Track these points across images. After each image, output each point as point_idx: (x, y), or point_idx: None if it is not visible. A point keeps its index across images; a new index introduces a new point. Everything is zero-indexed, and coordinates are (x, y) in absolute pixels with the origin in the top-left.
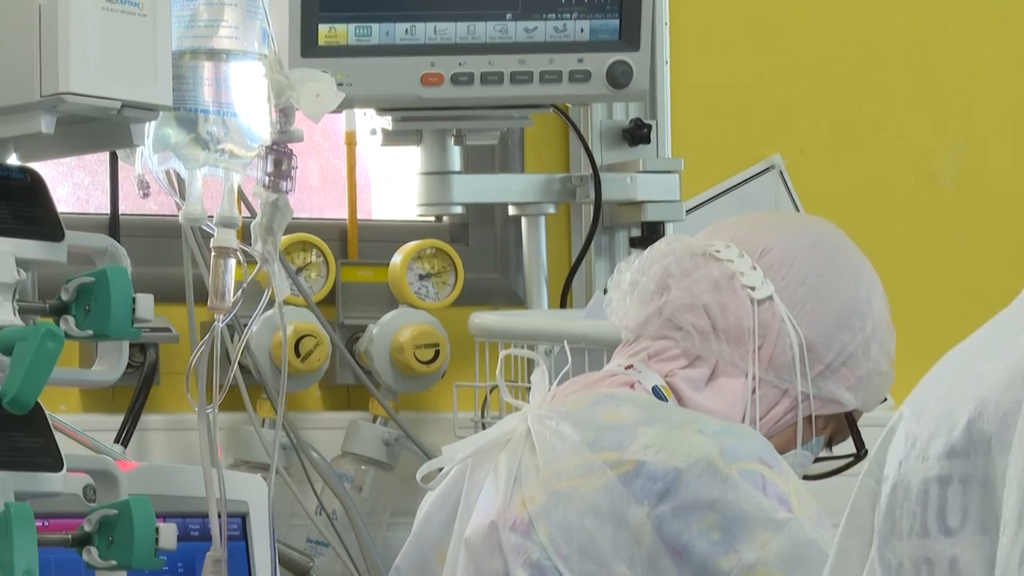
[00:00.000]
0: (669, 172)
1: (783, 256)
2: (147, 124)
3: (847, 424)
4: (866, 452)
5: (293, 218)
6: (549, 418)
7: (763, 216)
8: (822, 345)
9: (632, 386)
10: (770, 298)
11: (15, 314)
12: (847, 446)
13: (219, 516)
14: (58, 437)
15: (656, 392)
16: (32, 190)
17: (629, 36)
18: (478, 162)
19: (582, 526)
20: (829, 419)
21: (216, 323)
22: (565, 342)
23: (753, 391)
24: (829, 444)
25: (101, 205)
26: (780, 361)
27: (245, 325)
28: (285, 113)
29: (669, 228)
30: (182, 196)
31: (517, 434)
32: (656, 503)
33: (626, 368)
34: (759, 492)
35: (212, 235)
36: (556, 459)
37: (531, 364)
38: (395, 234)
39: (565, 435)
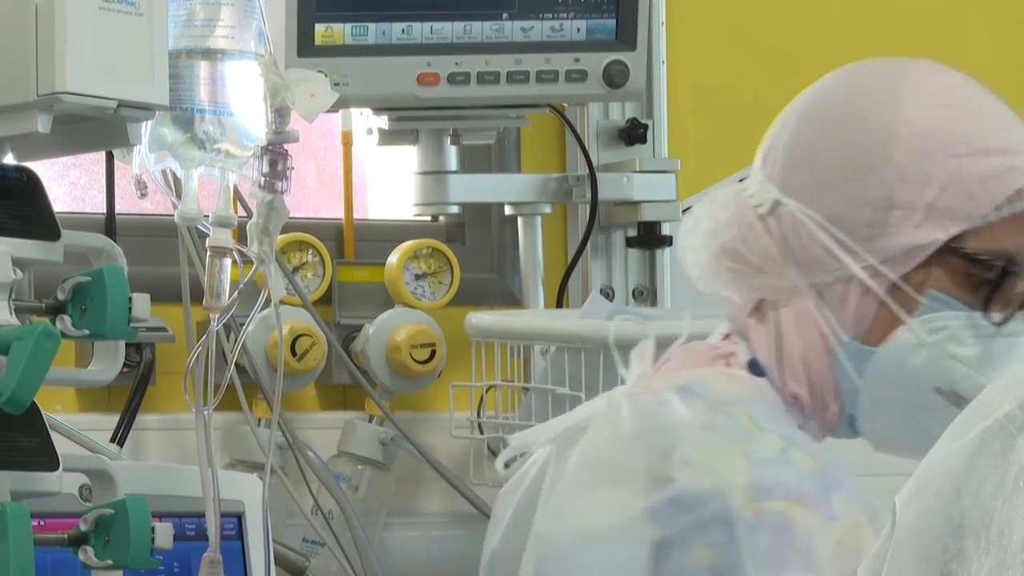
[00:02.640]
0: (665, 172)
1: (777, 149)
2: (143, 124)
3: (962, 257)
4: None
5: (289, 218)
6: (623, 407)
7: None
8: (846, 208)
9: (728, 360)
10: (777, 203)
11: (11, 313)
12: None
13: (214, 518)
14: (54, 436)
15: (753, 367)
16: (28, 189)
17: (625, 36)
18: (474, 162)
19: (594, 527)
20: (927, 269)
21: (212, 323)
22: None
23: (817, 306)
24: (990, 292)
25: (97, 204)
26: (814, 257)
27: (241, 325)
28: (280, 113)
29: (665, 228)
30: (178, 196)
31: (597, 422)
32: (665, 527)
33: (725, 337)
34: (771, 541)
35: (208, 235)
36: (604, 455)
37: (527, 364)
38: (391, 234)
39: (621, 430)
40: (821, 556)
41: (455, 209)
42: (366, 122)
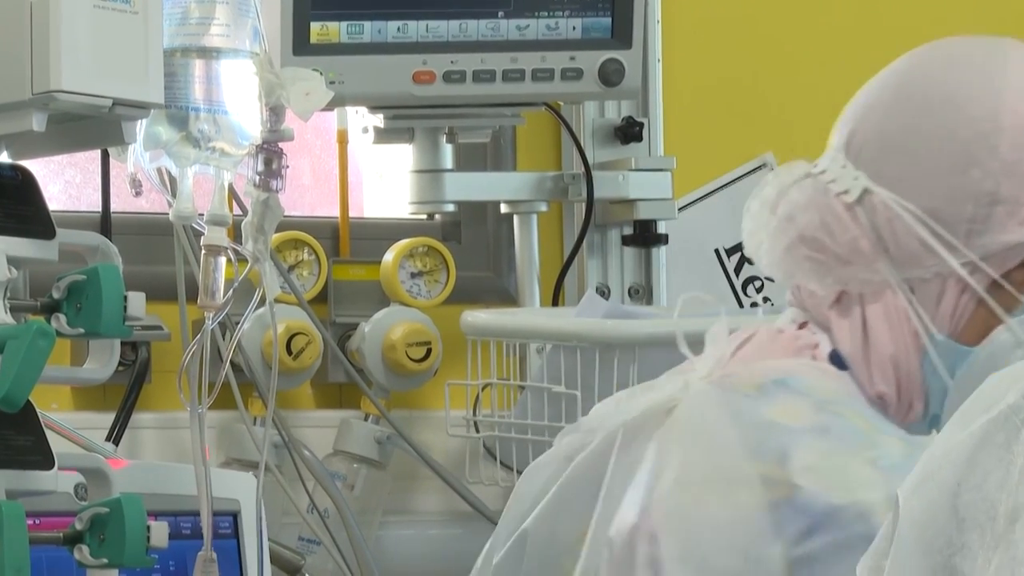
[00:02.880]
0: (661, 170)
1: (866, 134)
2: (138, 122)
3: None
4: None
5: (285, 216)
6: (712, 398)
7: (863, 87)
8: (946, 202)
9: (813, 353)
10: (866, 192)
11: (6, 312)
12: None
13: (207, 517)
14: (49, 435)
15: (834, 358)
16: (23, 188)
17: (621, 34)
18: (470, 160)
19: (705, 549)
20: None
21: (207, 321)
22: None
23: (909, 301)
24: None
25: (92, 203)
26: (910, 251)
27: (237, 323)
28: (275, 112)
29: (661, 227)
30: (173, 194)
31: (678, 411)
32: (795, 543)
33: (800, 326)
34: None
35: (203, 233)
36: (706, 458)
37: (523, 363)
38: (387, 232)
39: (720, 427)
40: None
41: (451, 207)
42: (362, 120)
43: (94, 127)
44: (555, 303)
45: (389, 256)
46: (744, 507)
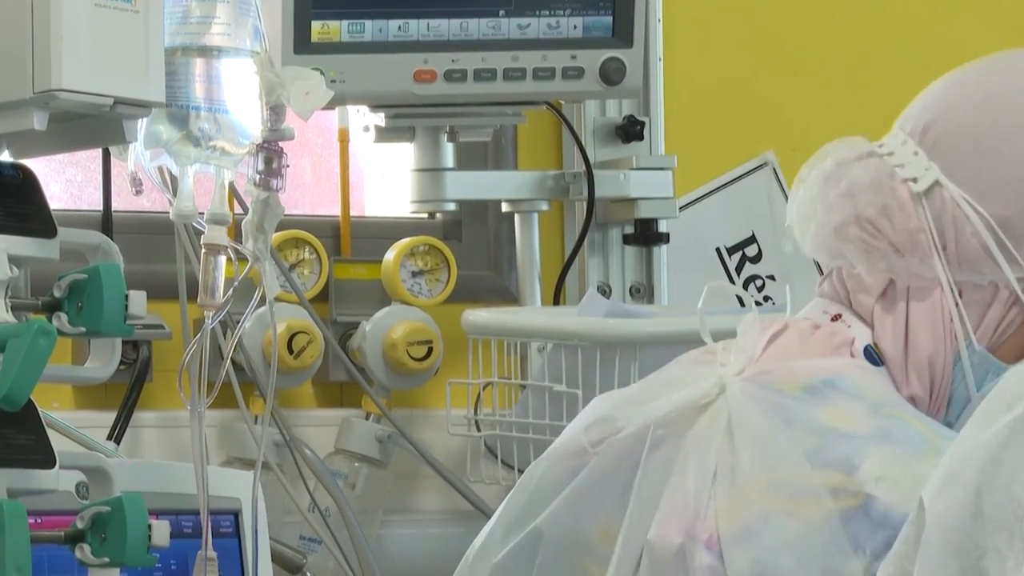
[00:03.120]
0: (662, 169)
1: (947, 125)
2: (139, 121)
3: None
4: None
5: (286, 215)
6: (756, 397)
7: (942, 80)
8: (1019, 213)
9: (851, 349)
10: (936, 184)
11: (7, 311)
12: None
13: (207, 517)
14: (51, 434)
15: (868, 354)
16: (25, 187)
17: (622, 33)
18: (471, 159)
19: (777, 566)
20: None
21: (207, 320)
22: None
23: (956, 303)
24: None
25: (94, 202)
26: (969, 254)
27: (238, 322)
28: (275, 111)
29: (662, 225)
30: (174, 193)
31: (716, 409)
32: (876, 557)
33: (833, 318)
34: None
35: (204, 232)
36: (764, 466)
37: (524, 362)
38: (388, 231)
39: (774, 432)
40: None
41: (452, 206)
42: (362, 119)
43: (95, 126)
44: (556, 302)
45: (390, 255)
46: (814, 520)
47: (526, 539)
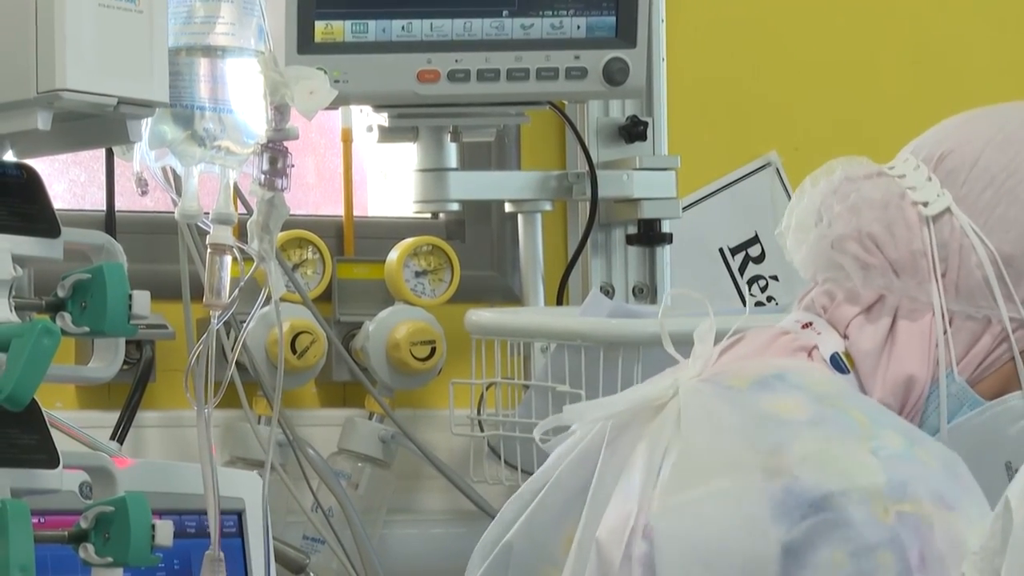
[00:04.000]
0: (665, 169)
1: (964, 157)
2: (143, 121)
3: None
4: None
5: (289, 215)
6: (704, 392)
7: (959, 116)
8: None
9: (810, 353)
10: (947, 211)
11: (11, 311)
12: None
13: (216, 517)
14: (54, 434)
15: (835, 362)
16: (28, 187)
17: (626, 33)
18: (474, 159)
19: (696, 539)
20: None
21: (212, 321)
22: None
23: (944, 331)
24: None
25: (97, 202)
26: (969, 284)
27: (242, 322)
28: (280, 111)
29: (665, 226)
30: (179, 193)
31: (670, 408)
32: (791, 527)
33: (804, 326)
34: (912, 546)
35: (208, 232)
36: (703, 450)
37: (527, 362)
38: (391, 231)
39: (717, 419)
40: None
41: (455, 206)
42: (366, 119)
43: (99, 126)
44: (559, 302)
45: (393, 255)
46: (740, 498)
47: (499, 554)
